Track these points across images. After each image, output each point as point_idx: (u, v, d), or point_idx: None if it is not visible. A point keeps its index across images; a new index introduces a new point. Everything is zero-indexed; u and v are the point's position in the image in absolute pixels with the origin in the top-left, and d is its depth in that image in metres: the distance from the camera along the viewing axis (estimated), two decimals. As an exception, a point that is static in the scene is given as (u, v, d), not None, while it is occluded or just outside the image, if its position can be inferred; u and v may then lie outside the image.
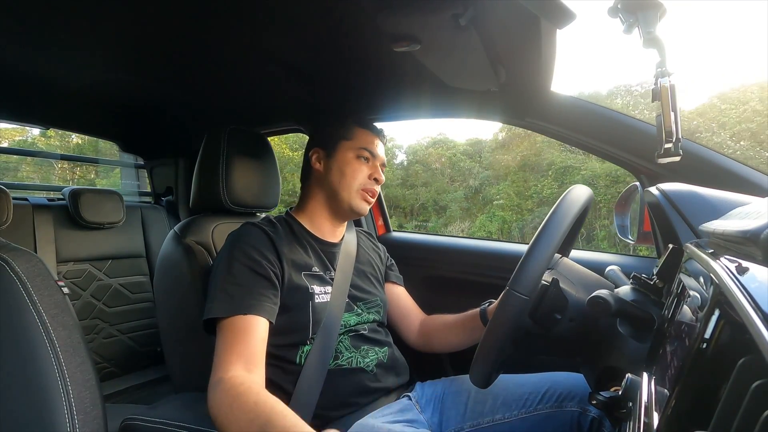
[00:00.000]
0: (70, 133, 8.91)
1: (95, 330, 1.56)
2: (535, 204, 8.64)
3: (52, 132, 8.80)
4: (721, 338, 0.29)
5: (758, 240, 0.29)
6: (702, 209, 0.63)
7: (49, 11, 0.81)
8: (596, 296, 0.56)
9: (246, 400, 0.62)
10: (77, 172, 9.51)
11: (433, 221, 9.52)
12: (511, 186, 9.11)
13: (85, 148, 8.58)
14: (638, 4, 0.60)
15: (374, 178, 0.94)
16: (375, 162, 0.96)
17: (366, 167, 0.94)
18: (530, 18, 0.66)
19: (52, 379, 0.61)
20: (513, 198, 8.90)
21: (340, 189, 0.92)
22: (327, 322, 0.84)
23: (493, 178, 9.68)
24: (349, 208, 0.93)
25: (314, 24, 0.83)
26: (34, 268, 0.66)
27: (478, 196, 9.58)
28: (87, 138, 8.72)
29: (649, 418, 0.37)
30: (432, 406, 0.90)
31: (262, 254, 0.80)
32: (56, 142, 8.80)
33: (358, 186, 0.92)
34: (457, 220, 9.37)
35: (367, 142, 0.94)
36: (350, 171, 0.92)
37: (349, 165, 0.93)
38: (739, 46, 13.88)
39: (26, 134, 9.27)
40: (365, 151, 0.94)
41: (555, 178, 8.57)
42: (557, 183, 8.50)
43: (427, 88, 1.12)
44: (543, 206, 8.50)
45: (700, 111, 8.46)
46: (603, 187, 7.80)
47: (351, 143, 0.94)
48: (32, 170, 8.72)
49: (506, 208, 8.83)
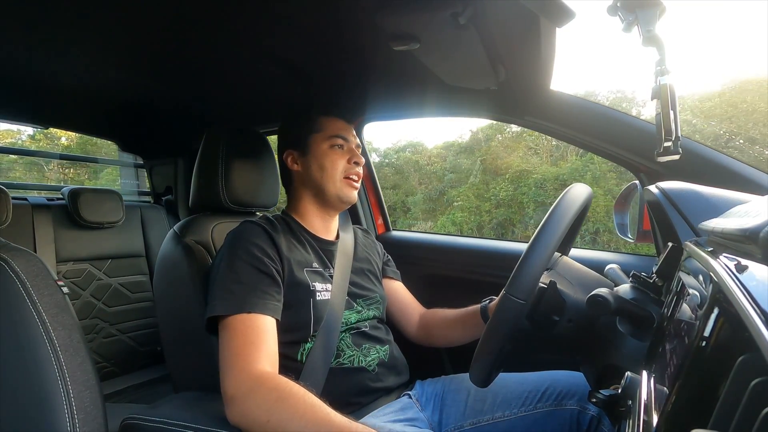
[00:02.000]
0: (59, 136, 8.98)
1: (95, 330, 1.56)
2: (493, 206, 9.20)
3: (40, 135, 8.84)
4: (720, 336, 0.29)
5: (757, 238, 0.29)
6: (701, 207, 0.63)
7: (47, 11, 0.81)
8: (596, 295, 0.56)
9: (298, 398, 0.62)
10: (68, 173, 9.52)
11: (401, 222, 10.11)
12: (471, 188, 9.66)
13: (73, 150, 8.57)
14: (638, 3, 0.60)
15: (354, 161, 0.94)
16: (350, 146, 0.95)
17: (342, 153, 0.93)
18: (530, 16, 0.66)
19: (52, 378, 0.61)
20: (472, 200, 9.45)
21: (324, 183, 0.92)
22: (328, 319, 0.84)
23: (455, 181, 10.21)
24: (338, 199, 0.93)
25: (313, 23, 0.83)
26: (33, 268, 0.66)
27: (443, 197, 10.08)
28: (75, 140, 8.77)
29: (648, 416, 0.37)
30: (432, 405, 0.90)
31: (263, 251, 0.80)
32: (45, 144, 8.79)
33: (341, 175, 0.92)
34: (420, 220, 9.95)
35: (337, 129, 0.94)
36: (329, 162, 0.92)
37: (326, 156, 0.92)
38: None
39: (17, 137, 9.29)
40: (337, 138, 0.93)
41: (511, 181, 9.11)
42: (513, 186, 9.02)
43: (427, 87, 1.12)
44: (500, 207, 9.07)
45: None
46: (552, 189, 8.43)
47: (321, 134, 0.93)
48: (23, 172, 8.72)
49: (465, 209, 9.38)
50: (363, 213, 1.52)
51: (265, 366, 0.69)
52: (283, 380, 0.66)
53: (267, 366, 0.69)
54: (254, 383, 0.65)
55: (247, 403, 0.64)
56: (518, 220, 8.90)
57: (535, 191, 8.61)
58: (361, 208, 1.50)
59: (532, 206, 8.58)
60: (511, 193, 8.93)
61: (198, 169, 1.04)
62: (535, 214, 8.55)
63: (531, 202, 8.60)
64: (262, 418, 0.62)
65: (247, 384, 0.66)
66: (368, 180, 1.52)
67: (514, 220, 8.93)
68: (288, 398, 0.62)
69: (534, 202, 8.56)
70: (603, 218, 7.64)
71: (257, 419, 0.62)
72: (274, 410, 0.62)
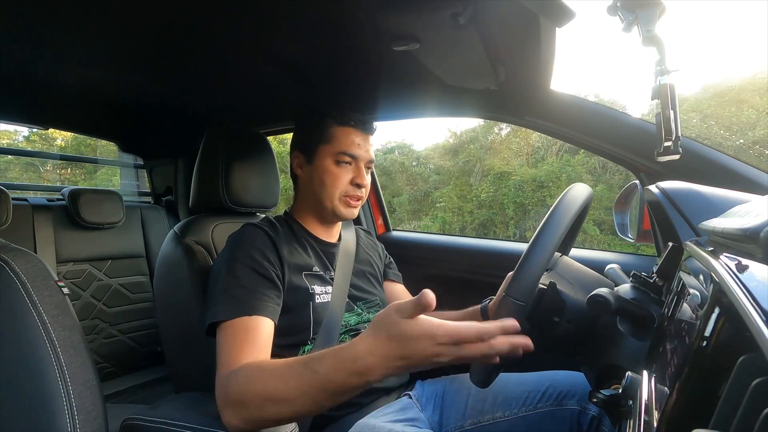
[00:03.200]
0: (54, 137, 9.00)
1: (95, 330, 1.56)
2: (474, 206, 9.54)
3: (35, 136, 8.86)
4: (721, 336, 0.29)
5: (758, 238, 0.29)
6: (702, 207, 0.63)
7: (48, 11, 0.81)
8: (596, 295, 0.56)
9: (273, 362, 0.60)
10: (64, 174, 9.55)
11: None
12: (454, 190, 9.95)
13: (67, 151, 8.61)
14: (638, 3, 0.60)
15: (356, 183, 0.89)
16: (358, 163, 0.90)
17: (347, 172, 0.89)
18: (529, 16, 0.66)
19: (52, 379, 0.61)
20: (455, 201, 9.75)
21: (321, 198, 0.89)
22: (328, 322, 0.84)
23: (439, 182, 10.54)
24: (334, 215, 0.91)
25: (313, 23, 0.83)
26: (34, 269, 0.66)
27: (428, 198, 10.36)
28: (70, 141, 8.80)
29: (649, 416, 0.37)
30: (432, 405, 0.90)
31: (263, 255, 0.80)
32: (41, 146, 8.82)
33: (340, 194, 0.89)
34: (404, 221, 10.23)
35: (347, 144, 0.88)
36: (330, 180, 0.88)
37: (329, 173, 0.88)
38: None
39: (14, 137, 9.32)
40: (345, 155, 0.88)
41: (492, 183, 9.43)
42: (494, 187, 9.36)
43: (427, 88, 1.12)
44: (482, 208, 9.41)
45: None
46: (530, 191, 8.75)
47: (330, 147, 0.88)
48: (20, 172, 8.74)
49: (447, 210, 9.72)
50: (363, 213, 1.52)
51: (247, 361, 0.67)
52: (254, 361, 0.64)
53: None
54: (232, 373, 0.64)
55: (228, 393, 0.62)
56: (499, 221, 9.18)
57: (514, 192, 8.90)
58: (361, 209, 1.50)
59: (512, 207, 8.87)
60: (492, 194, 9.28)
61: (198, 169, 1.04)
62: (514, 214, 8.85)
63: (511, 203, 8.89)
64: (245, 398, 0.59)
65: (228, 379, 0.64)
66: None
67: (496, 220, 9.22)
68: (259, 368, 0.61)
69: (513, 203, 8.85)
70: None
71: (241, 404, 0.60)
72: (252, 383, 0.60)
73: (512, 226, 8.95)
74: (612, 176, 8.59)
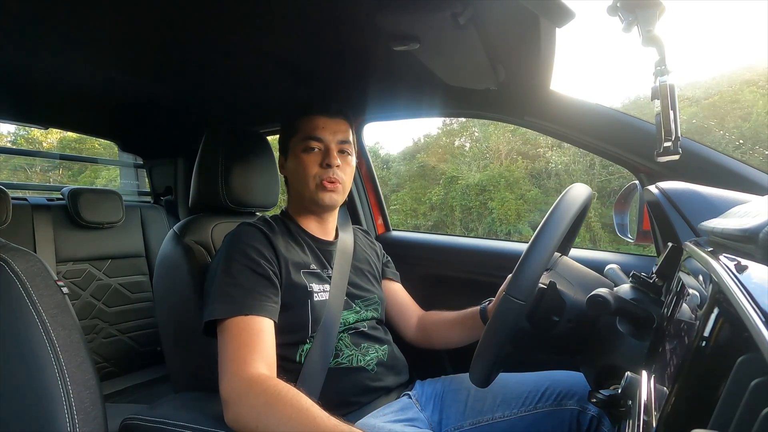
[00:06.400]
0: (41, 140, 9.03)
1: (95, 330, 1.56)
2: (427, 209, 10.16)
3: (21, 141, 8.86)
4: (720, 336, 0.29)
5: (757, 238, 0.29)
6: (701, 208, 0.63)
7: (47, 10, 0.81)
8: (595, 295, 0.56)
9: (286, 402, 0.61)
10: (52, 176, 9.60)
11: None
12: (409, 193, 10.54)
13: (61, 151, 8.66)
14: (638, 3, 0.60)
15: (327, 164, 0.87)
16: (326, 145, 0.88)
17: (315, 156, 0.88)
18: (529, 16, 0.66)
19: (52, 379, 0.61)
20: (409, 203, 10.36)
21: (301, 189, 0.90)
22: (326, 320, 0.84)
23: (397, 186, 11.15)
24: (315, 204, 0.90)
25: (313, 23, 0.83)
26: (33, 268, 0.66)
27: (387, 201, 10.73)
28: (64, 143, 8.84)
29: (648, 416, 0.37)
30: (432, 405, 0.90)
31: (260, 253, 0.80)
32: (30, 148, 8.86)
33: (315, 180, 0.88)
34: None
35: (310, 129, 0.88)
36: (301, 168, 0.88)
37: (299, 162, 0.89)
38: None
39: (5, 139, 9.37)
40: (310, 140, 0.88)
41: (444, 186, 10.02)
42: (445, 190, 9.95)
43: (427, 88, 1.12)
44: (434, 210, 10.05)
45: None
46: (473, 195, 9.40)
47: (297, 138, 0.90)
48: (7, 176, 8.76)
49: (401, 213, 10.32)
50: (363, 213, 1.52)
51: (260, 368, 0.68)
52: (273, 383, 0.65)
53: (262, 368, 0.68)
54: (246, 387, 0.65)
55: (239, 407, 0.64)
56: (449, 222, 9.77)
57: (461, 195, 9.51)
58: (361, 208, 1.50)
59: (459, 209, 9.49)
60: (442, 198, 9.91)
61: (198, 169, 1.04)
62: (461, 216, 9.49)
63: (458, 206, 9.48)
64: (252, 423, 0.62)
65: (240, 387, 0.65)
66: (368, 180, 1.53)
67: (447, 221, 9.79)
68: (276, 403, 0.61)
69: (460, 206, 9.46)
70: (514, 220, 8.78)
71: (248, 423, 0.62)
72: (263, 415, 0.61)
73: (460, 228, 9.57)
74: (548, 180, 9.21)
